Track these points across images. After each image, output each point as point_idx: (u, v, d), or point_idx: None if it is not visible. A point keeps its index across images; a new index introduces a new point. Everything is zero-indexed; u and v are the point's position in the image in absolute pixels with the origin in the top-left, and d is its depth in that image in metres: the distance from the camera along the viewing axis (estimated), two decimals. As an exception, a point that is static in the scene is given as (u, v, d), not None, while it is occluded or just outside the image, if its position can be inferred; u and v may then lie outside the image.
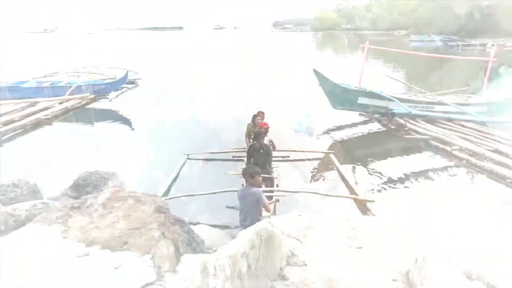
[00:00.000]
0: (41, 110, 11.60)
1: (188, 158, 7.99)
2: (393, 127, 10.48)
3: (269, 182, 6.08)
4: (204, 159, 8.05)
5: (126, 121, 12.02)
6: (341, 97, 10.16)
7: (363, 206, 5.72)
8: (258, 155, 6.09)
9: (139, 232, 1.81)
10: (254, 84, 19.83)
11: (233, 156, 8.07)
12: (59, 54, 39.44)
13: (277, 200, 5.96)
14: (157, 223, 1.88)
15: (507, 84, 10.63)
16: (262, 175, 6.00)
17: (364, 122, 11.44)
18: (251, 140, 6.95)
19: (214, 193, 5.63)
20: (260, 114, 7.73)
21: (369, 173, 7.61)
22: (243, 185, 4.58)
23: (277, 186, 6.14)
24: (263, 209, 4.37)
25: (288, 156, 8.19)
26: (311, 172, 7.64)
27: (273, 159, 7.42)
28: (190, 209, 5.69)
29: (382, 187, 6.80)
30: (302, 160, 8.13)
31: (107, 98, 14.95)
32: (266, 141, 6.88)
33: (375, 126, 11.01)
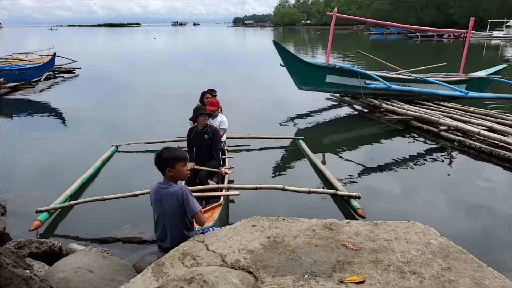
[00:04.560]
0: None
1: (117, 150, 6.20)
2: (365, 110, 9.22)
3: (219, 177, 4.44)
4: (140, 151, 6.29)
5: (56, 113, 9.81)
6: (307, 75, 8.67)
7: (345, 204, 4.23)
8: (201, 141, 4.41)
9: None
10: (211, 70, 18.17)
11: (178, 147, 6.43)
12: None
13: (232, 201, 4.38)
14: None
15: None
16: (209, 168, 4.37)
17: (334, 106, 10.13)
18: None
19: (136, 195, 3.89)
20: (211, 92, 6.09)
21: (344, 161, 6.23)
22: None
23: (233, 182, 4.55)
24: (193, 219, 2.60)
25: (249, 145, 6.64)
26: (276, 162, 6.12)
27: (230, 148, 5.86)
28: (96, 220, 3.92)
29: (363, 178, 5.37)
30: (265, 148, 6.59)
31: (33, 87, 12.55)
32: (217, 121, 5.26)
33: (346, 110, 9.75)
